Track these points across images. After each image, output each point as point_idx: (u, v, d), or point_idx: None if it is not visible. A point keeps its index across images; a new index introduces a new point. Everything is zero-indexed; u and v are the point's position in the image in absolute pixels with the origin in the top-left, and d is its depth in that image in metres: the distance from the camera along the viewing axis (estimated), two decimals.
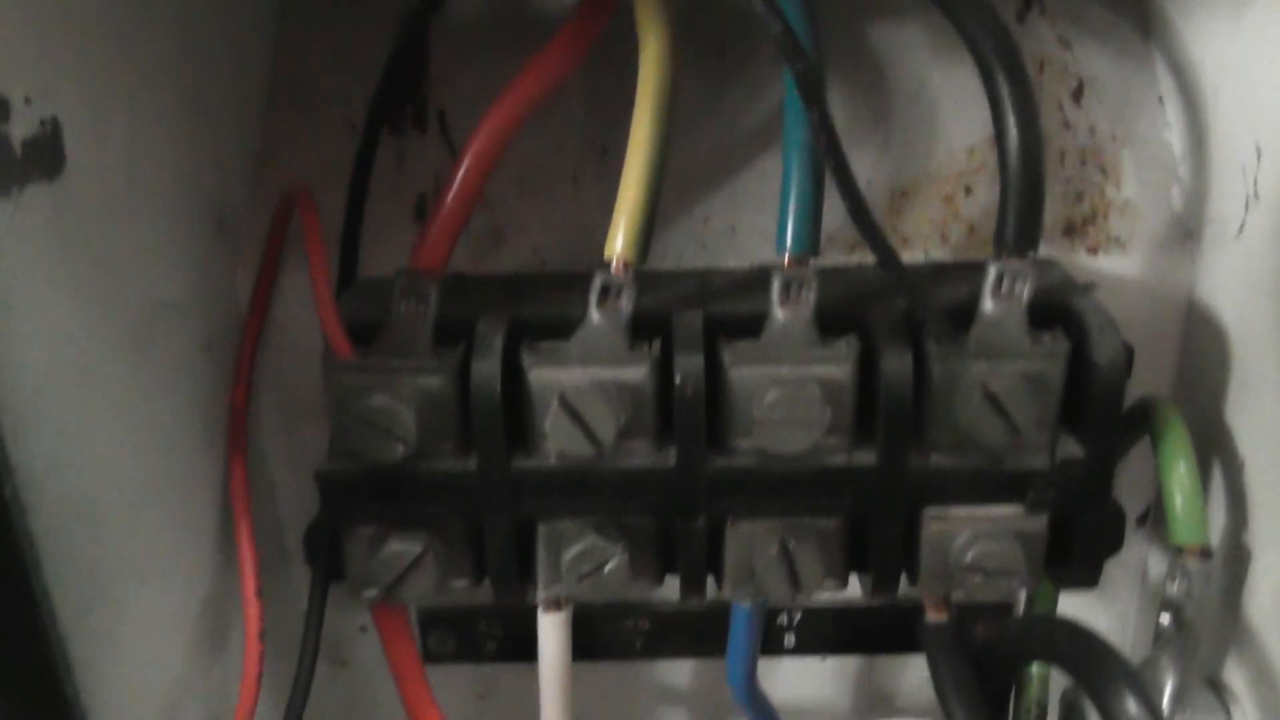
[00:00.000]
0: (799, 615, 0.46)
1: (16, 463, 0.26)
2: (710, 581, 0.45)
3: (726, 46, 0.41)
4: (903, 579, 0.37)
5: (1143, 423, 0.37)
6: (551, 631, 0.37)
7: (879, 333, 0.33)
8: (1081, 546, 0.35)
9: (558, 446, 0.33)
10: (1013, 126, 0.32)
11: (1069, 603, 0.41)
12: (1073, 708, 0.37)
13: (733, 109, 0.41)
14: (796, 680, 0.47)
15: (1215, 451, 0.38)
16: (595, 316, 0.33)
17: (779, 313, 0.33)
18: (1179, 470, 0.35)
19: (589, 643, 0.45)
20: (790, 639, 0.46)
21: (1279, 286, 0.34)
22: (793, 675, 0.47)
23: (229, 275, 0.39)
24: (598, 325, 0.33)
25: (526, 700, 0.41)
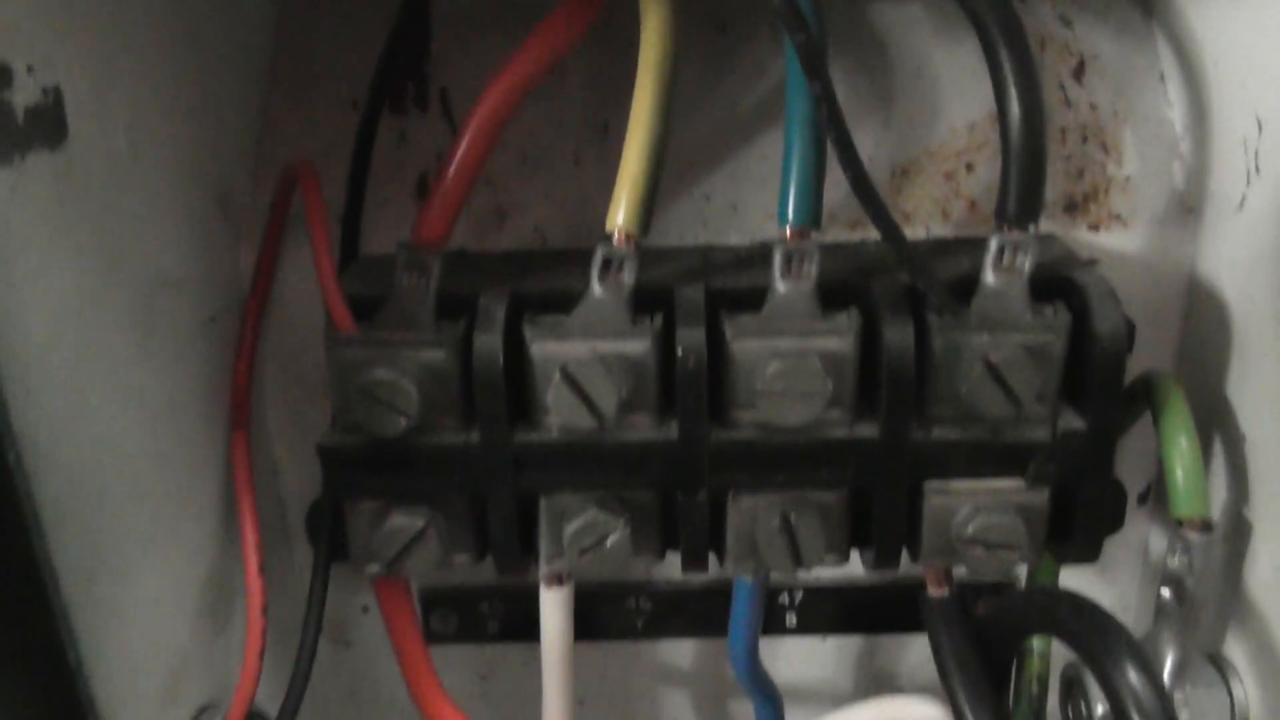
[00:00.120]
0: (800, 595, 0.46)
1: (20, 429, 0.26)
2: (712, 561, 0.45)
3: (727, 24, 0.41)
4: (904, 556, 0.37)
5: (1144, 397, 0.37)
6: (553, 607, 0.38)
7: (881, 305, 0.33)
8: (1083, 521, 0.35)
9: (560, 419, 0.33)
10: (1014, 98, 0.32)
11: (1070, 581, 0.41)
12: (1074, 682, 0.38)
13: (733, 87, 0.41)
14: (798, 660, 0.47)
15: (1216, 426, 0.38)
16: (597, 290, 0.33)
17: (780, 285, 0.33)
18: (1180, 444, 0.35)
19: (590, 623, 0.45)
20: (792, 619, 0.46)
21: None
22: (794, 655, 0.47)
23: (231, 252, 0.39)
24: (600, 298, 0.33)
25: (528, 680, 0.41)
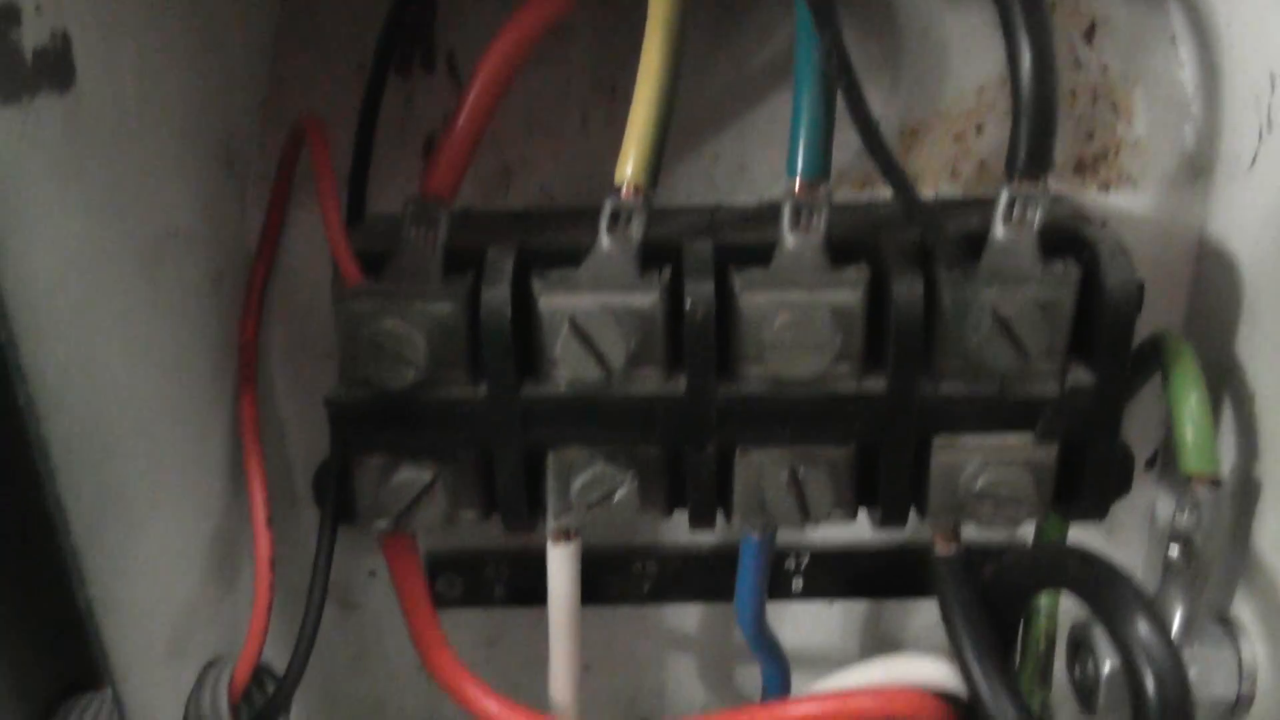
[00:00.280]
0: (806, 559, 0.46)
1: (29, 368, 0.26)
2: (719, 525, 0.45)
3: None
4: (912, 520, 0.37)
5: (1153, 358, 0.36)
6: (560, 564, 0.38)
7: (889, 259, 0.33)
8: (1090, 478, 0.35)
9: (568, 371, 0.33)
10: (1025, 48, 0.32)
11: None
12: (1081, 642, 0.37)
13: (741, 47, 0.40)
14: (804, 625, 0.47)
15: (1226, 386, 0.38)
16: (605, 243, 0.33)
17: (789, 239, 0.33)
18: (1190, 401, 0.35)
19: (596, 587, 0.45)
20: (798, 583, 0.46)
21: None
22: (800, 620, 0.47)
23: (237, 210, 0.39)
24: (608, 252, 0.33)
25: (535, 646, 0.41)
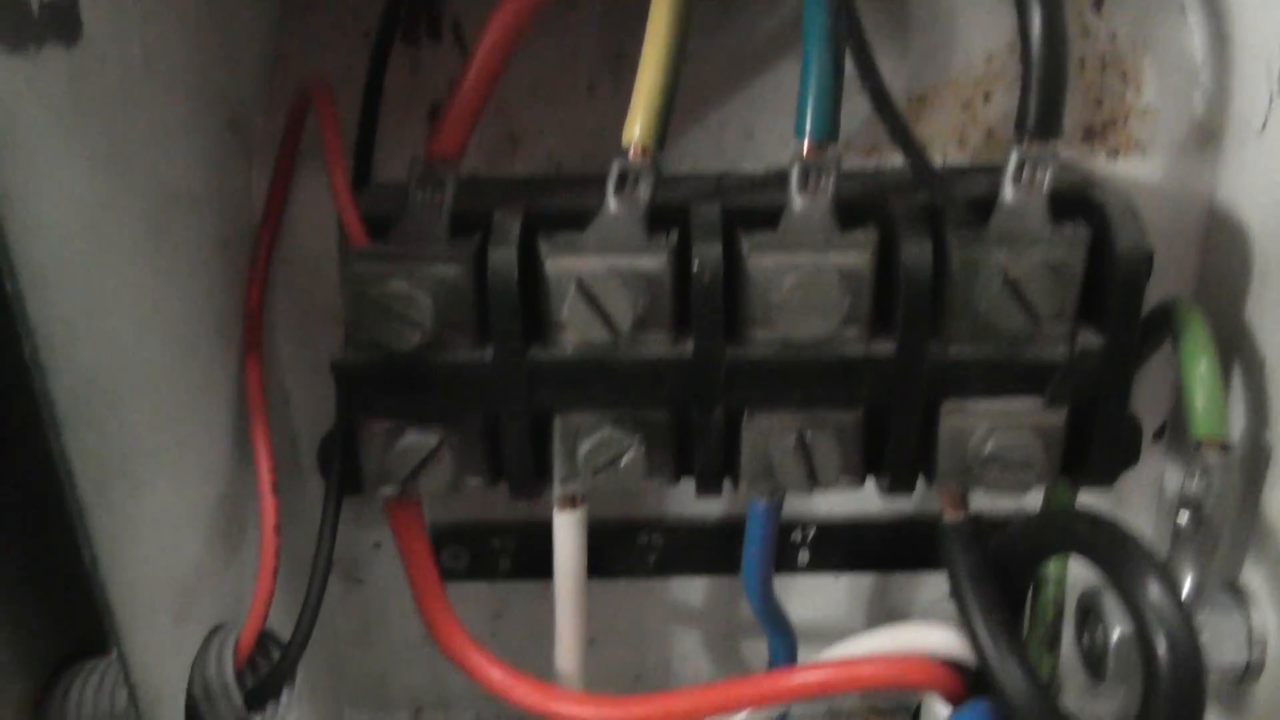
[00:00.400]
0: (813, 531, 0.45)
1: (36, 321, 0.25)
2: (725, 497, 0.45)
3: None
4: (919, 492, 0.37)
5: (1163, 325, 0.36)
6: (566, 531, 0.37)
7: (899, 221, 0.33)
8: (1100, 444, 0.35)
9: (575, 334, 0.33)
10: (1036, 9, 0.31)
11: None
12: (1089, 610, 0.37)
13: (749, 12, 0.40)
14: (810, 598, 0.47)
15: (1236, 353, 0.37)
16: (613, 205, 0.33)
17: (798, 201, 0.33)
18: (1200, 365, 0.35)
19: (601, 560, 0.45)
20: (804, 556, 0.46)
21: None
22: (807, 593, 0.47)
23: (243, 177, 0.39)
24: (615, 214, 0.33)
25: (540, 619, 0.41)
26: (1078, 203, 0.34)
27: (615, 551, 0.46)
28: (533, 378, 0.34)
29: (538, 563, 0.43)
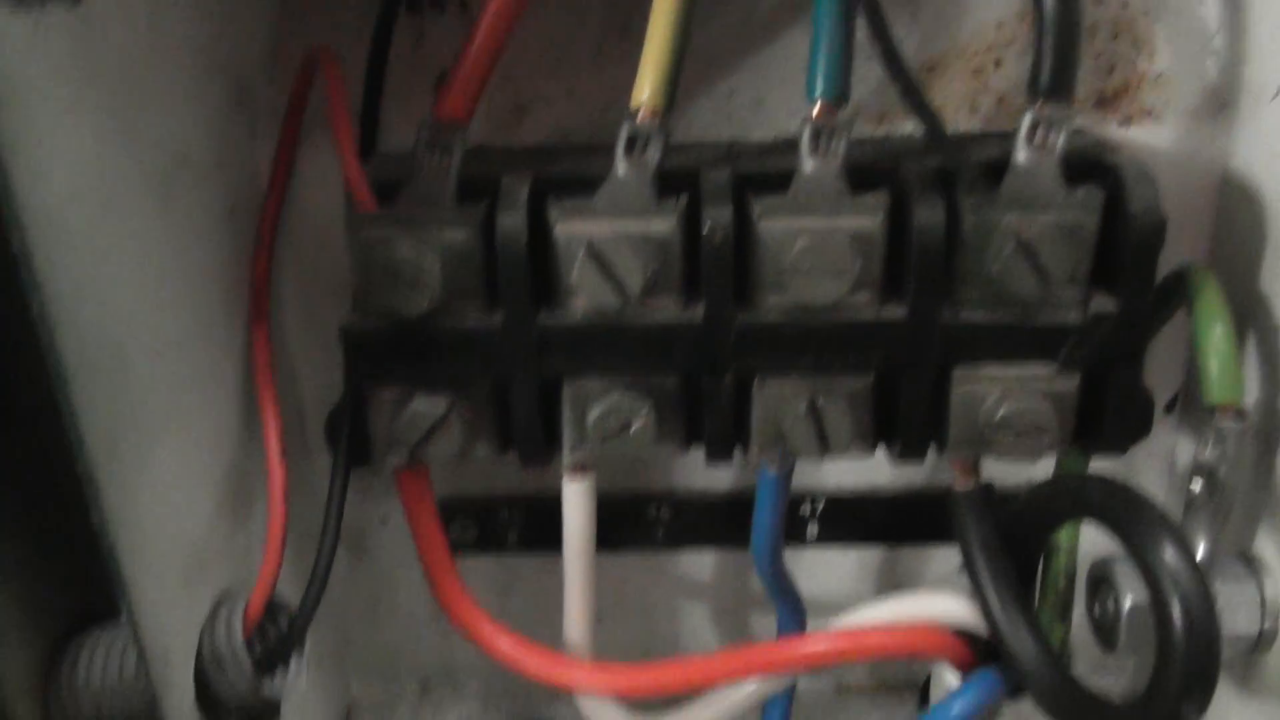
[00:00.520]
0: (822, 504, 0.45)
1: (43, 277, 0.25)
2: (734, 470, 0.45)
3: None
4: (930, 461, 0.37)
5: (1177, 292, 0.36)
6: (576, 500, 0.37)
7: (910, 184, 0.33)
8: (1113, 411, 0.35)
9: (585, 299, 0.33)
10: None
11: None
12: (1101, 580, 0.37)
13: None
14: (819, 572, 0.46)
15: (1250, 321, 0.37)
16: (622, 169, 0.33)
17: (809, 163, 0.33)
18: (1215, 333, 0.34)
19: (610, 533, 0.45)
20: (813, 529, 0.46)
21: None
22: (816, 567, 0.46)
23: (248, 145, 0.39)
24: (624, 178, 0.33)
25: (548, 593, 0.41)
26: (1092, 166, 0.34)
27: (623, 524, 0.46)
28: (542, 343, 0.34)
29: (546, 536, 0.43)
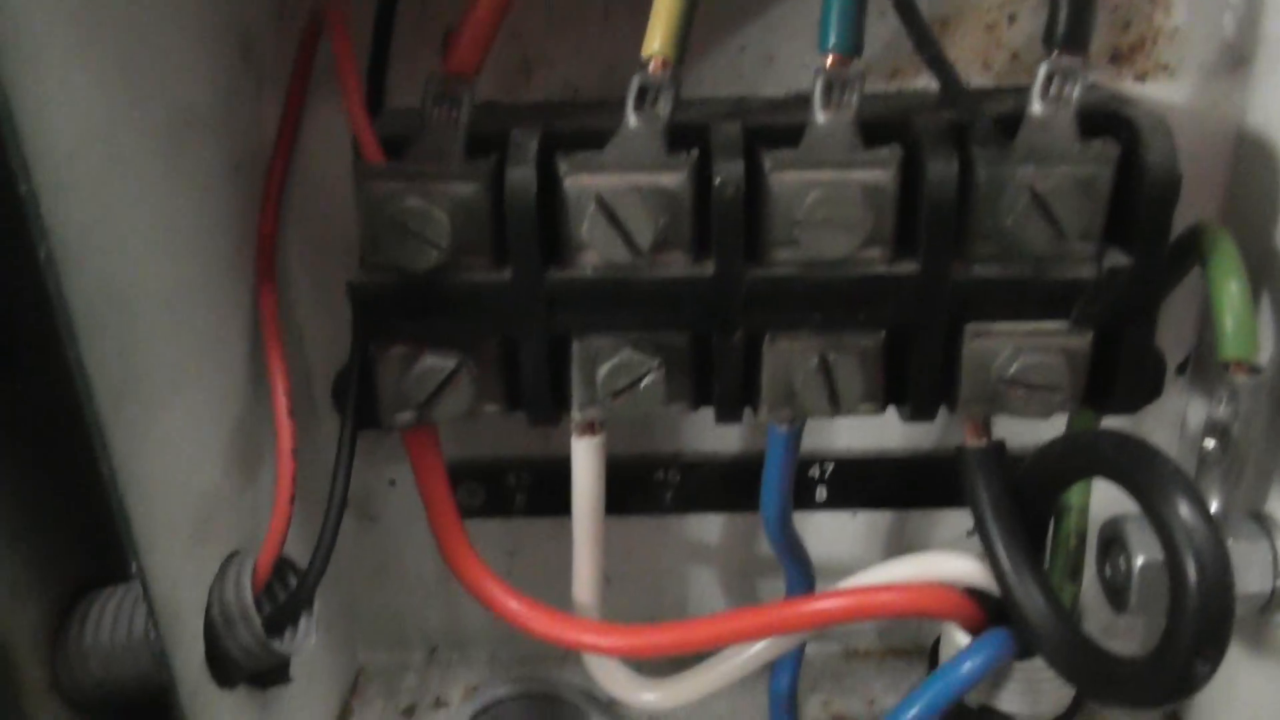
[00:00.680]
0: (831, 468, 0.45)
1: (51, 223, 0.25)
2: (743, 433, 0.44)
3: None
4: (940, 424, 0.36)
5: (1191, 250, 0.36)
6: (584, 459, 0.37)
7: (923, 138, 0.32)
8: (1126, 369, 0.35)
9: (595, 253, 0.32)
10: None
11: None
12: (1112, 540, 0.37)
13: None
14: (827, 536, 0.46)
15: (1265, 278, 0.37)
16: (632, 121, 0.32)
17: (820, 116, 0.32)
18: (1230, 287, 0.34)
19: (618, 496, 0.44)
20: (822, 492, 0.45)
21: None
22: (824, 530, 0.46)
23: (255, 103, 0.39)
24: (635, 130, 0.33)
25: (556, 556, 0.41)
26: (1107, 120, 0.33)
27: (632, 488, 0.45)
28: (551, 299, 0.34)
29: (554, 499, 0.42)
